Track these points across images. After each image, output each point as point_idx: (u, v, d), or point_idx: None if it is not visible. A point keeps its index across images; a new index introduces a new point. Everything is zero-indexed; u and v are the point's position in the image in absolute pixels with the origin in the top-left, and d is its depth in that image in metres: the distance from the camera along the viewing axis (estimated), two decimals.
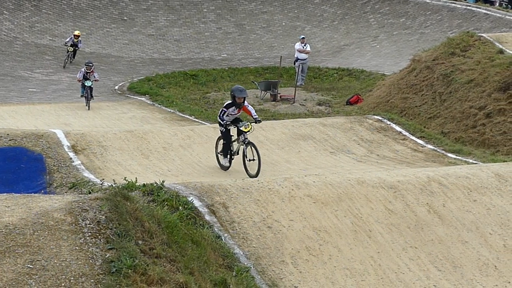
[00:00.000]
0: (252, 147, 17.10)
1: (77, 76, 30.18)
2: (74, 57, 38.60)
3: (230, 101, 17.52)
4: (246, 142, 17.23)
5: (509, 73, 22.59)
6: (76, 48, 38.68)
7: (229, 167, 17.71)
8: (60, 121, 26.25)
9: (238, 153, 17.67)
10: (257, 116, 17.55)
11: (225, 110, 17.44)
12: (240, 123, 17.40)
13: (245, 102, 17.50)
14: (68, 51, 38.52)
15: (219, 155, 17.93)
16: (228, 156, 17.66)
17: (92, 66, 29.90)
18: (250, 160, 17.05)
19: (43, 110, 28.24)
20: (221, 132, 17.58)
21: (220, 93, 32.30)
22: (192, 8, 45.68)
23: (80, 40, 38.89)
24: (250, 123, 17.37)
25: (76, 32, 39.02)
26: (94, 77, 29.53)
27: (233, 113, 17.49)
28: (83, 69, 29.88)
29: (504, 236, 12.92)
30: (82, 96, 29.47)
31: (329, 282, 11.56)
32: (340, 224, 12.63)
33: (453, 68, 24.43)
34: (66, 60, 38.39)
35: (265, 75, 36.49)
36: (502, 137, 21.09)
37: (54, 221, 10.06)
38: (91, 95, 29.07)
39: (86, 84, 29.23)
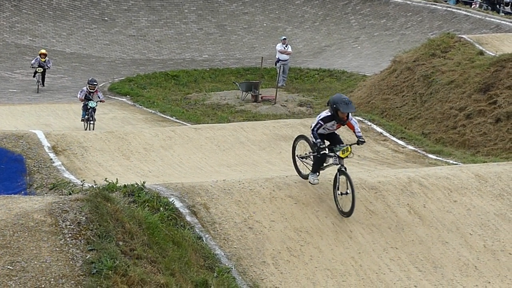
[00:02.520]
0: (346, 178, 13.04)
1: (78, 96, 26.09)
2: (43, 82, 33.66)
3: (329, 114, 13.06)
4: (340, 169, 13.08)
5: (489, 74, 22.70)
6: (46, 68, 33.64)
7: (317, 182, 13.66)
8: (40, 121, 26.15)
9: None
10: (361, 135, 13.22)
11: (321, 123, 13.10)
12: (338, 146, 13.08)
13: (350, 115, 13.21)
14: (36, 72, 33.41)
15: (298, 159, 13.93)
16: (318, 172, 13.61)
17: (96, 84, 26.21)
18: (342, 194, 13.04)
19: (23, 111, 28.11)
20: (316, 150, 13.29)
21: (201, 93, 32.28)
22: (173, 9, 45.61)
23: (48, 60, 33.91)
24: (350, 145, 13.12)
25: (42, 51, 34.42)
26: (99, 97, 25.83)
27: (331, 128, 13.26)
28: (85, 88, 26.05)
29: (484, 236, 12.98)
30: (82, 120, 25.65)
31: (310, 283, 11.58)
32: (321, 224, 12.64)
33: (434, 69, 24.52)
34: (38, 84, 33.36)
35: (246, 76, 36.48)
36: (482, 138, 21.19)
37: (34, 222, 10.01)
38: (93, 117, 25.32)
39: (89, 105, 25.40)
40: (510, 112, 21.40)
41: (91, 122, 25.27)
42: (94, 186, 11.66)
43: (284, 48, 33.26)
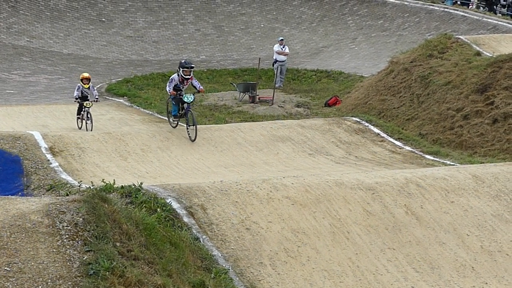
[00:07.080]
0: None
1: (168, 89, 20.21)
2: (91, 119, 24.05)
3: None
4: None
5: (486, 75, 22.71)
6: (95, 100, 24.46)
7: None
8: (37, 122, 26.12)
9: None
10: None
11: None
12: None
13: None
14: (84, 107, 24.19)
15: None
16: None
17: (193, 68, 20.18)
18: None
19: (20, 112, 28.09)
20: None
21: (198, 95, 32.26)
22: (171, 10, 45.61)
23: (93, 86, 25.07)
24: None
25: (85, 75, 25.17)
26: (194, 86, 20.04)
27: None
28: (175, 76, 20.06)
29: (481, 237, 12.98)
30: (175, 119, 20.19)
31: (307, 284, 11.58)
32: (318, 225, 12.64)
33: (431, 70, 24.53)
34: (85, 120, 24.13)
35: (244, 76, 36.47)
36: (479, 139, 21.20)
37: (31, 223, 10.00)
38: (194, 118, 19.45)
39: (185, 100, 19.84)
40: (507, 113, 21.42)
41: (190, 125, 19.84)
42: (91, 187, 11.65)
43: (282, 49, 33.25)
